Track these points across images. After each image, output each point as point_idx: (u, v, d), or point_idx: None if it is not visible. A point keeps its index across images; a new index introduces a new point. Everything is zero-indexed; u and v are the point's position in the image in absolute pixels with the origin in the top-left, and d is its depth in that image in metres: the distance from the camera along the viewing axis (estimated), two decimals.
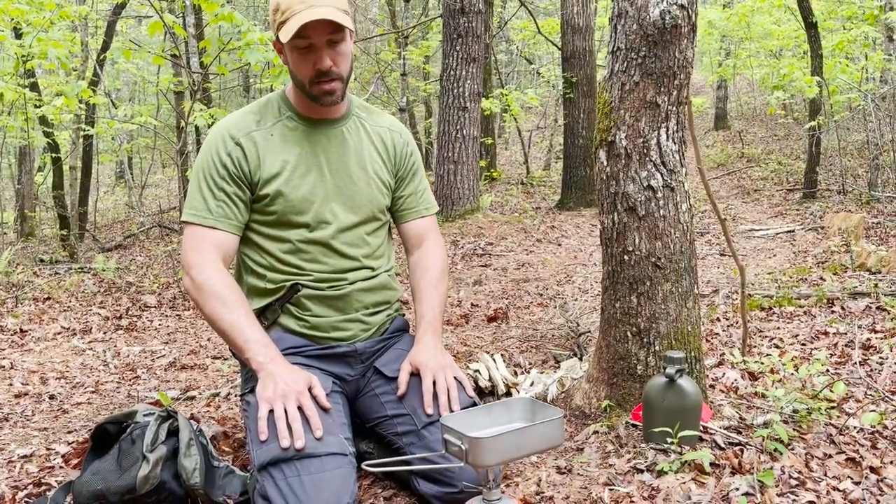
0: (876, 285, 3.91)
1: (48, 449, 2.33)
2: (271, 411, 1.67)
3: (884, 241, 5.76)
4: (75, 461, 2.17)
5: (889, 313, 3.40)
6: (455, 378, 1.87)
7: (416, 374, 1.88)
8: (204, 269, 1.83)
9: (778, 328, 3.37)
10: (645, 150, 2.02)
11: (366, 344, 1.97)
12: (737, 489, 1.66)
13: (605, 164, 2.09)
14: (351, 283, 1.94)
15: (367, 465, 1.62)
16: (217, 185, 1.86)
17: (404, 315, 2.15)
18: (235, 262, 2.01)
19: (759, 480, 1.68)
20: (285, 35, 1.77)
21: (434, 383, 1.84)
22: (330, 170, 1.93)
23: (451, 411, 1.79)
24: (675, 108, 2.01)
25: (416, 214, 2.12)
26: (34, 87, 8.61)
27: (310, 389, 1.74)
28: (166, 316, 5.05)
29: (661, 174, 2.02)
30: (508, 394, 2.42)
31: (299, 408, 1.68)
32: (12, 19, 6.49)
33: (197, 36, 10.02)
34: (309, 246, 1.90)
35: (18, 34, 7.35)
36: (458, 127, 7.88)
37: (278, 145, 1.89)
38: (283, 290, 1.91)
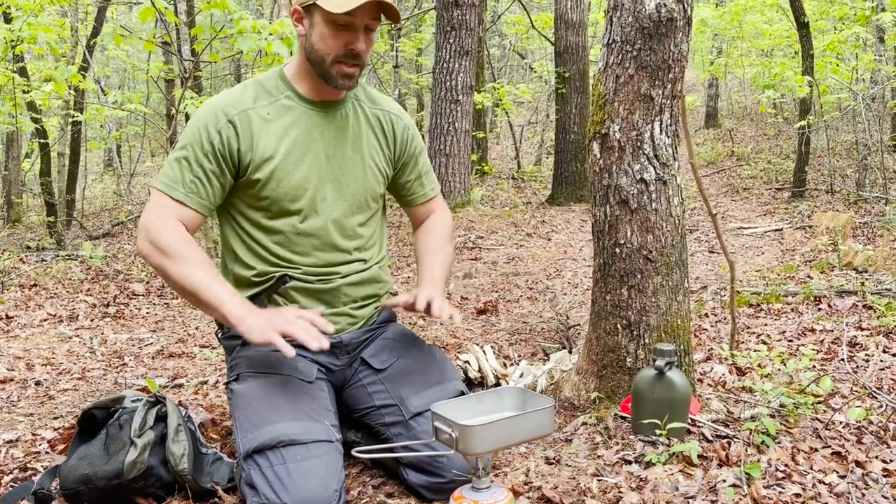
0: (862, 284, 3.93)
1: (34, 434, 2.31)
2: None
3: (871, 240, 5.79)
4: (61, 447, 2.16)
5: (875, 311, 3.43)
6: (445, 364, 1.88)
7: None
8: (165, 231, 1.74)
9: (765, 325, 3.39)
10: (638, 143, 2.02)
11: (352, 335, 1.95)
12: (724, 481, 1.67)
13: (599, 156, 2.09)
14: (342, 277, 1.90)
15: (357, 452, 1.61)
16: (197, 160, 1.78)
17: None
18: (221, 251, 1.98)
19: (746, 473, 1.69)
20: (334, 5, 1.69)
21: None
22: (326, 155, 1.87)
23: (430, 383, 1.83)
24: (668, 102, 2.02)
25: (422, 199, 2.12)
26: (23, 72, 8.52)
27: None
28: (154, 304, 5.03)
29: (654, 167, 2.02)
30: (498, 385, 2.42)
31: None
32: (1, 3, 6.42)
33: (188, 23, 9.95)
34: (300, 237, 1.85)
35: (8, 18, 7.28)
36: (450, 120, 7.87)
37: (274, 126, 1.83)
38: (271, 281, 1.87)
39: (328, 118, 1.89)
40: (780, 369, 2.48)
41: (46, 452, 2.14)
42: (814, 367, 2.63)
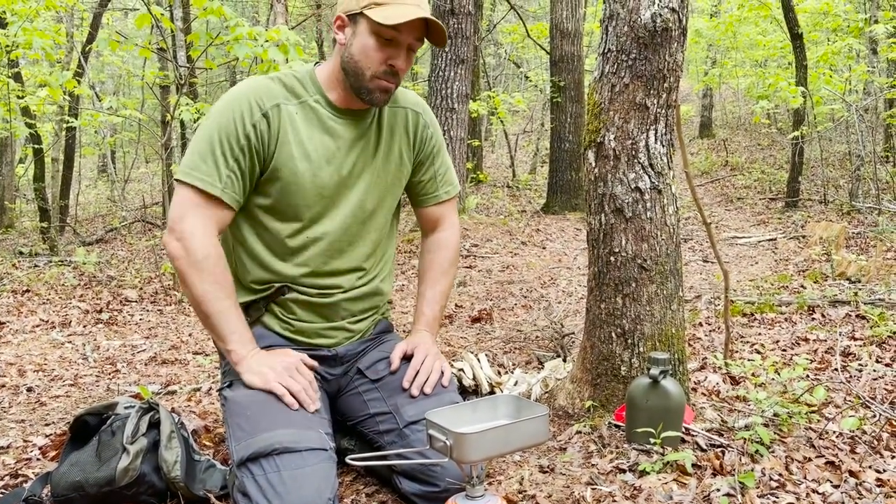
0: (856, 294, 3.95)
1: (25, 441, 2.30)
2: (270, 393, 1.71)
3: (864, 250, 5.82)
4: (53, 453, 2.14)
5: (868, 321, 3.44)
6: (442, 372, 1.87)
7: (407, 360, 1.88)
8: (204, 241, 1.70)
9: (759, 334, 3.40)
10: (633, 152, 2.03)
11: (348, 347, 1.94)
12: (718, 490, 1.67)
13: (594, 165, 2.09)
14: (343, 292, 1.88)
15: (351, 459, 1.61)
16: (233, 154, 1.72)
17: (388, 317, 2.12)
18: (225, 252, 1.95)
19: (740, 482, 1.69)
20: (383, 17, 1.67)
21: (422, 365, 1.86)
22: (347, 164, 1.84)
23: (425, 394, 1.81)
24: (663, 111, 2.02)
25: (434, 200, 2.06)
26: (17, 77, 8.50)
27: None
28: (147, 311, 5.01)
29: (649, 176, 2.03)
30: (492, 393, 2.42)
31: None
32: None
33: (184, 29, 9.95)
34: (309, 244, 1.83)
35: (3, 23, 7.28)
36: (446, 128, 7.87)
37: (299, 127, 1.79)
38: (271, 290, 1.85)
39: (354, 127, 1.85)
40: (773, 379, 2.48)
41: (38, 459, 2.13)
42: (807, 376, 2.64)
